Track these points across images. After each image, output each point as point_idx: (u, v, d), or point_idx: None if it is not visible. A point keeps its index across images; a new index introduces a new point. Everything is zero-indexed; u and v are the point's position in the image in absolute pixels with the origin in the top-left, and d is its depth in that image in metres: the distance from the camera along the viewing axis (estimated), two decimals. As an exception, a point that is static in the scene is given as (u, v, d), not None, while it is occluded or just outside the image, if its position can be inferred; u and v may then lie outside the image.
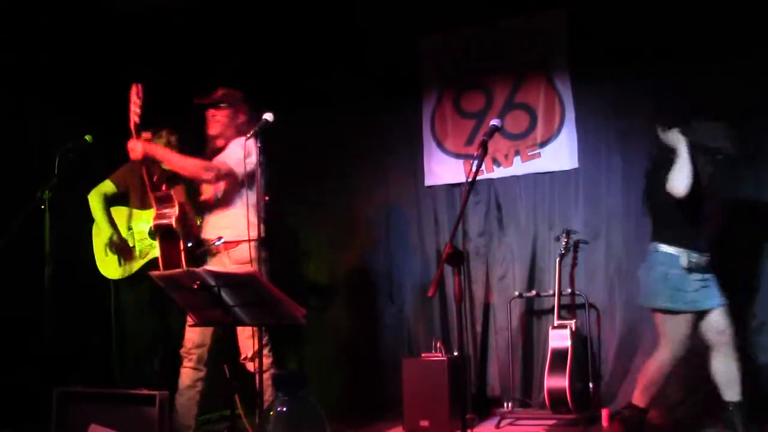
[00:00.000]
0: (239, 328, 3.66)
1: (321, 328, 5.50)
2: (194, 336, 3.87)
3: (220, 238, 4.04)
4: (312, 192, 5.71)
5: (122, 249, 4.50)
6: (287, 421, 3.25)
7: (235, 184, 3.85)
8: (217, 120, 3.94)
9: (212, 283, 3.14)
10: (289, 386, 3.37)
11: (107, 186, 4.59)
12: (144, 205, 4.53)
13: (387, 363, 5.31)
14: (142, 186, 4.53)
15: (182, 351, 3.92)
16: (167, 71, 5.59)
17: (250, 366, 3.73)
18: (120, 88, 5.39)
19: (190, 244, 4.24)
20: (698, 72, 4.65)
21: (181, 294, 3.28)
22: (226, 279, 3.14)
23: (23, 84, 5.11)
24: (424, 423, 4.46)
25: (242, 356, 3.76)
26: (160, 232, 3.86)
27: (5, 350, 4.79)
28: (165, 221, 3.83)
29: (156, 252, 4.20)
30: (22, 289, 4.72)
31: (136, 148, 3.69)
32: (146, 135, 4.00)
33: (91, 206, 4.56)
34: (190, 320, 3.79)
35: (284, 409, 3.27)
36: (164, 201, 3.88)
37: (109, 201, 4.58)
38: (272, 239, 3.71)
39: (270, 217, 3.70)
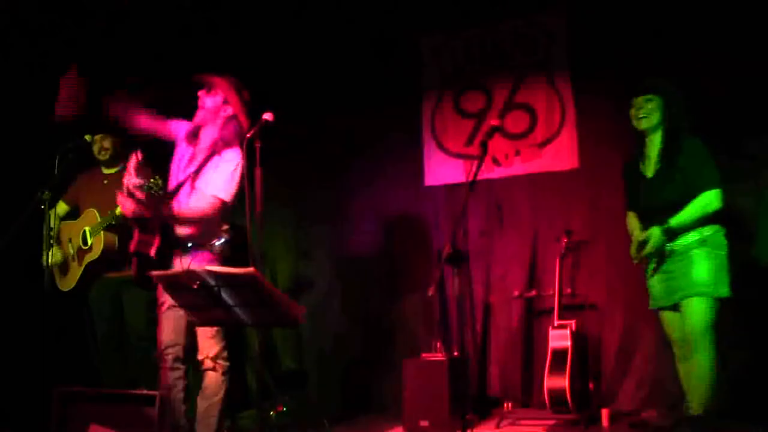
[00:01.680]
0: (200, 329, 3.65)
1: (321, 328, 5.50)
2: (165, 337, 3.82)
3: (220, 239, 4.04)
4: (312, 192, 5.71)
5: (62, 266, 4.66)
6: (287, 420, 3.26)
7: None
8: (203, 105, 3.76)
9: (212, 283, 3.14)
10: (289, 386, 3.38)
11: (60, 207, 4.72)
12: (84, 211, 4.63)
13: (387, 363, 5.31)
14: (88, 195, 4.66)
15: (156, 354, 3.89)
16: (166, 70, 5.60)
17: (209, 365, 3.71)
18: (119, 88, 5.42)
19: (189, 245, 4.24)
20: (699, 72, 4.65)
21: (180, 294, 3.28)
22: (226, 279, 3.14)
23: (23, 84, 5.11)
24: (424, 423, 4.46)
25: (202, 355, 3.74)
26: (139, 255, 3.79)
27: (5, 350, 4.79)
28: (147, 251, 3.74)
29: (91, 256, 4.47)
30: (22, 289, 4.73)
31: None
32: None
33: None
34: (161, 322, 3.80)
35: (284, 409, 3.29)
36: (147, 228, 3.77)
37: (63, 218, 4.74)
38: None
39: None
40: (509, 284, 5.16)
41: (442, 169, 5.40)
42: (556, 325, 4.67)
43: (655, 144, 3.70)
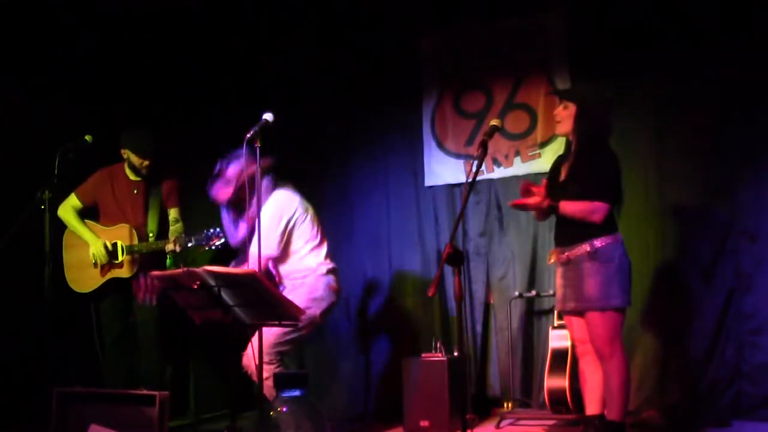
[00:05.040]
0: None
1: (320, 328, 5.49)
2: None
3: (220, 238, 4.06)
4: (312, 192, 5.69)
5: (111, 254, 4.48)
6: (287, 421, 3.26)
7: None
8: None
9: (212, 283, 3.15)
10: (289, 386, 3.38)
11: (73, 200, 4.61)
12: (113, 221, 4.53)
13: (387, 363, 5.31)
14: (113, 200, 4.57)
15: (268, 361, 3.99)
16: (167, 69, 5.60)
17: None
18: (119, 88, 5.42)
19: (190, 244, 4.25)
20: (699, 72, 4.65)
21: (181, 294, 3.28)
22: (226, 279, 3.14)
23: (23, 84, 5.10)
24: (424, 423, 4.46)
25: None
26: None
27: (5, 350, 4.78)
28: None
29: (120, 273, 4.42)
30: (21, 289, 4.72)
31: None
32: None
33: (66, 221, 4.55)
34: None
35: (284, 409, 3.28)
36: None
37: (79, 214, 4.61)
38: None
39: None
40: (509, 284, 5.16)
41: (442, 169, 5.39)
42: (556, 325, 4.68)
43: (572, 149, 3.72)
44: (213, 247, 4.10)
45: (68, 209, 4.58)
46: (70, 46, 5.24)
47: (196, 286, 3.16)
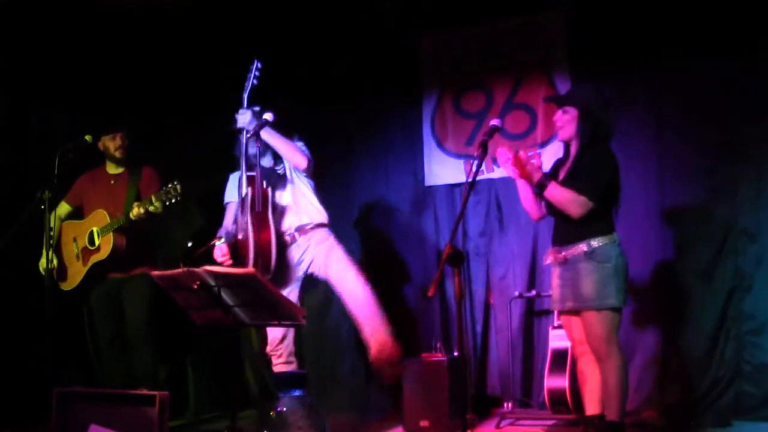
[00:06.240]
0: None
1: (320, 328, 5.49)
2: (277, 333, 4.04)
3: (220, 238, 4.06)
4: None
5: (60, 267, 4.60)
6: (287, 421, 3.26)
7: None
8: None
9: (212, 283, 3.15)
10: (289, 386, 3.38)
11: (63, 208, 4.68)
12: (90, 210, 4.58)
13: (387, 363, 5.31)
14: (94, 195, 4.62)
15: (269, 350, 4.10)
16: (167, 68, 5.60)
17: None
18: (119, 88, 5.42)
19: (189, 244, 4.26)
20: (698, 72, 4.65)
21: (180, 294, 3.28)
22: (225, 279, 3.14)
23: (23, 84, 5.11)
24: (424, 423, 4.45)
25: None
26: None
27: (5, 350, 4.79)
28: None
29: (98, 257, 4.44)
30: (21, 288, 4.72)
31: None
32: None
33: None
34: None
35: (284, 408, 3.29)
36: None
37: (64, 219, 4.69)
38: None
39: None
40: (509, 284, 5.16)
41: (442, 169, 5.40)
42: (556, 325, 4.67)
43: (572, 152, 3.72)
44: (173, 201, 4.15)
45: (57, 218, 4.62)
46: (68, 46, 5.24)
47: (196, 286, 3.16)
